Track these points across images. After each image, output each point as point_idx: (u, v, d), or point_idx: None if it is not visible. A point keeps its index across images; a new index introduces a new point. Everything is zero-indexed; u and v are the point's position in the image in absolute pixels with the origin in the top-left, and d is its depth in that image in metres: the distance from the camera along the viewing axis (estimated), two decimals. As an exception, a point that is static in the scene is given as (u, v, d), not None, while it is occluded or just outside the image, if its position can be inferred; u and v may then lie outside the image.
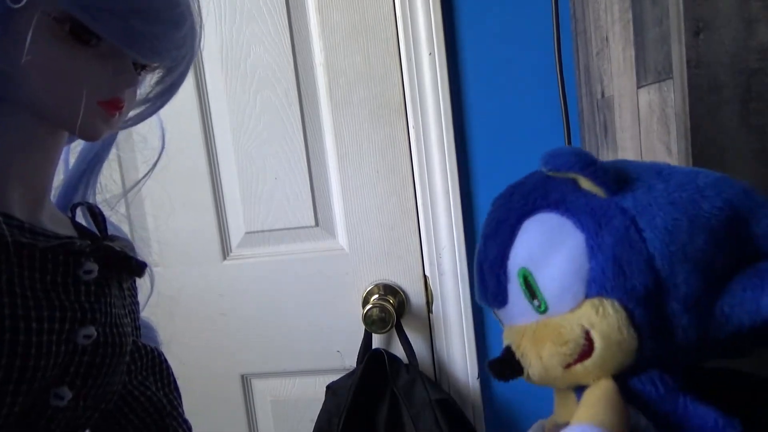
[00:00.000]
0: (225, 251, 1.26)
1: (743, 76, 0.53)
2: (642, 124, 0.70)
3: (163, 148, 0.75)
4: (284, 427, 1.29)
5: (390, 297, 1.17)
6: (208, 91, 1.21)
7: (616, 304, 0.43)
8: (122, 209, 0.72)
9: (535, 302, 0.47)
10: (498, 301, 0.50)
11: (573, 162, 0.47)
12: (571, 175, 0.48)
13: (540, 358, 0.46)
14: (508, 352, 0.49)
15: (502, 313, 0.51)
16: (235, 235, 1.25)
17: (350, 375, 1.15)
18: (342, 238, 1.21)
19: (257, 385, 1.29)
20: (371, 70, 1.14)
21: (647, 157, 0.70)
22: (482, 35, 1.10)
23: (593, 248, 0.44)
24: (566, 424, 0.43)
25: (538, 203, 0.49)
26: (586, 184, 0.47)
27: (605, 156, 0.91)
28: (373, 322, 1.13)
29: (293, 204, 1.21)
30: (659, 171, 0.48)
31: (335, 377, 1.17)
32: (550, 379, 0.48)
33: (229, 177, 1.23)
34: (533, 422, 0.60)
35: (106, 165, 0.69)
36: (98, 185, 0.70)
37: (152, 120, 0.69)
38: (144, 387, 0.66)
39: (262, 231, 1.23)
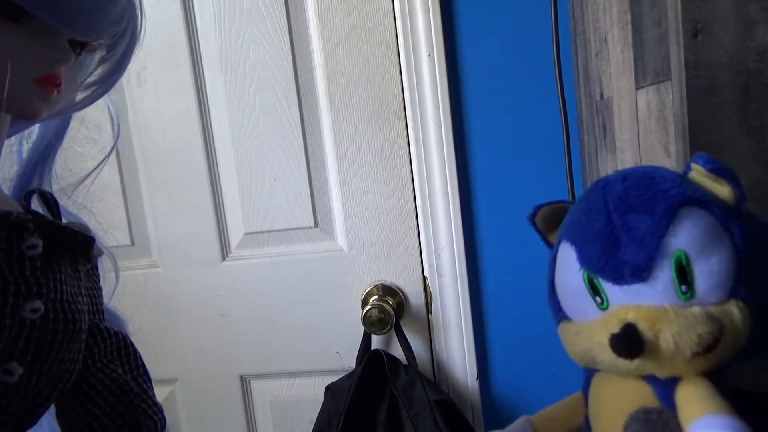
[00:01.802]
0: (224, 252, 1.26)
1: (741, 78, 0.54)
2: (640, 125, 0.70)
3: (118, 135, 0.73)
4: (283, 427, 1.29)
5: (389, 298, 1.17)
6: (208, 91, 1.21)
7: (749, 308, 0.48)
8: (95, 202, 0.71)
9: (683, 287, 0.48)
10: (638, 275, 0.50)
11: (726, 169, 0.49)
12: (721, 179, 0.50)
13: (675, 343, 0.48)
14: (633, 329, 0.49)
15: (628, 290, 0.51)
16: (235, 236, 1.25)
17: (349, 376, 1.15)
18: (341, 239, 1.21)
19: (256, 385, 1.29)
20: (370, 72, 1.14)
21: (646, 159, 0.70)
22: (481, 36, 1.11)
23: (740, 255, 0.48)
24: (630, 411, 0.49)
25: (696, 196, 0.50)
26: (726, 191, 0.50)
27: (603, 157, 0.91)
28: (372, 323, 1.13)
29: (292, 205, 1.21)
30: None
31: (334, 378, 1.17)
32: (665, 365, 0.49)
33: (228, 178, 1.23)
34: (533, 422, 0.61)
35: (64, 155, 0.69)
36: (53, 174, 0.70)
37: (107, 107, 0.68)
38: (109, 369, 0.65)
39: (262, 232, 1.23)
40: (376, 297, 1.18)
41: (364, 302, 1.19)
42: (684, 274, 0.48)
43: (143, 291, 1.28)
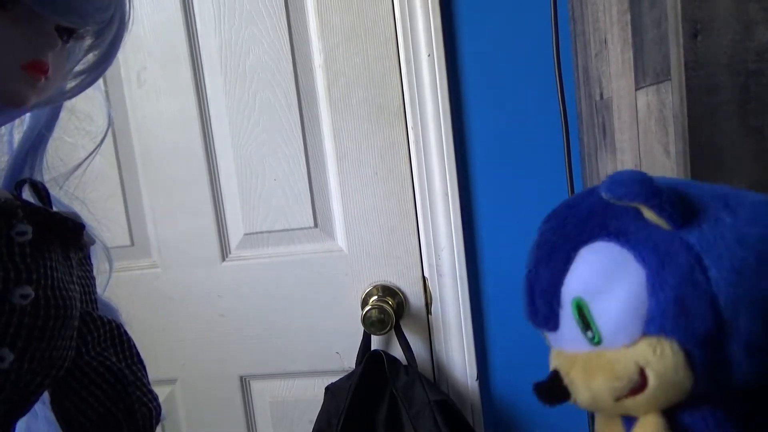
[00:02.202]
0: (224, 252, 1.26)
1: (741, 78, 0.54)
2: (640, 125, 0.70)
3: (109, 126, 0.73)
4: (283, 428, 1.29)
5: (389, 298, 1.17)
6: (207, 92, 1.21)
7: (675, 345, 0.42)
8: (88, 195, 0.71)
9: (589, 333, 0.45)
10: (549, 326, 0.49)
11: (637, 192, 0.44)
12: (635, 204, 0.45)
13: (590, 389, 0.46)
14: (556, 376, 0.48)
15: (552, 337, 0.50)
16: (234, 236, 1.25)
17: (349, 376, 1.15)
18: (341, 240, 1.21)
19: (256, 386, 1.29)
20: (370, 72, 1.14)
21: (645, 159, 0.70)
22: (481, 37, 1.11)
23: (654, 286, 0.42)
24: None
25: (596, 231, 0.46)
26: (649, 214, 0.45)
27: (603, 157, 0.91)
28: (372, 324, 1.13)
29: (292, 205, 1.21)
30: (726, 200, 0.46)
31: (334, 378, 1.17)
32: (598, 408, 0.47)
33: (227, 178, 1.23)
34: (532, 424, 0.60)
35: (55, 145, 0.69)
36: (44, 165, 0.70)
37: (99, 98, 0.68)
38: (103, 357, 0.65)
39: (261, 232, 1.23)
40: (375, 297, 1.18)
41: (364, 303, 1.18)
42: (585, 320, 0.45)
43: (143, 291, 1.28)
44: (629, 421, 0.47)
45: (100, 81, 0.67)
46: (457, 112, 1.13)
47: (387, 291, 1.18)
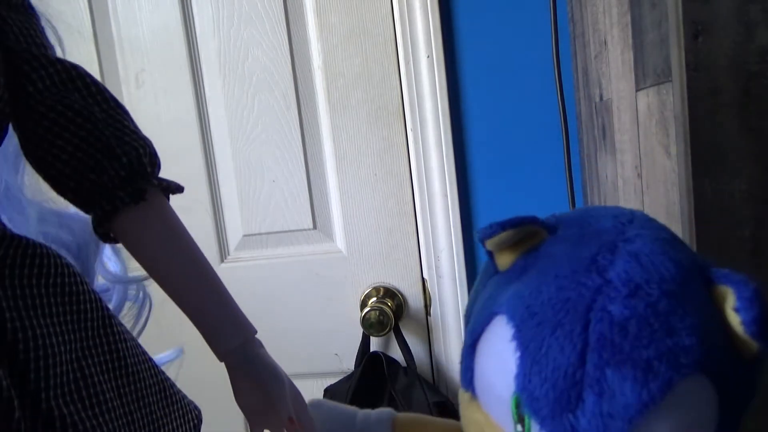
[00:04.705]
0: (222, 254, 1.25)
1: (742, 79, 0.53)
2: (641, 126, 0.70)
3: None
4: (282, 430, 1.28)
5: (388, 300, 1.17)
6: (206, 93, 1.21)
7: None
8: None
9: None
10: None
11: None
12: (747, 341, 0.38)
13: None
14: None
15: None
16: (233, 238, 1.25)
17: (348, 378, 1.14)
18: (340, 241, 1.20)
19: (255, 388, 1.29)
20: (369, 73, 1.14)
21: (646, 160, 0.70)
22: (480, 37, 1.10)
23: None
24: None
25: (707, 364, 0.38)
26: (749, 345, 0.38)
27: (603, 159, 0.91)
28: (371, 325, 1.13)
29: (291, 207, 1.21)
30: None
31: (333, 380, 1.17)
32: None
33: (226, 179, 1.23)
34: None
35: None
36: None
37: None
38: (61, 96, 0.61)
39: (260, 234, 1.23)
40: (375, 299, 1.17)
41: (363, 304, 1.18)
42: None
43: (148, 287, 1.27)
44: None
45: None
46: (456, 113, 1.13)
47: (386, 292, 1.18)
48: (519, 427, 0.40)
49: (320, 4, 1.14)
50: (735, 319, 0.36)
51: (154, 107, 1.22)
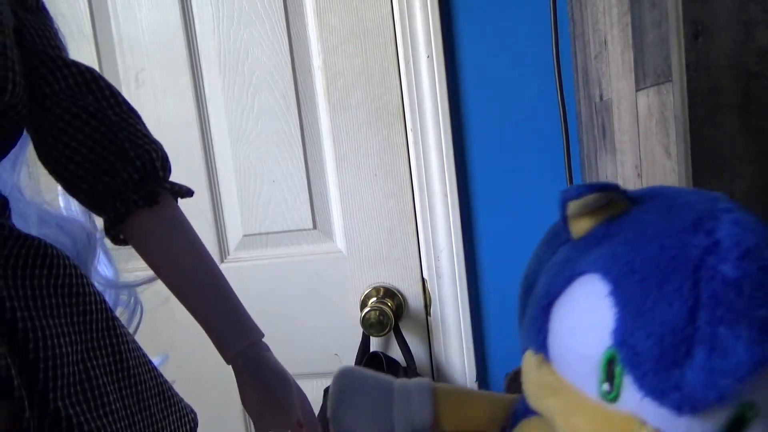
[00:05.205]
0: (222, 254, 1.25)
1: (742, 79, 0.53)
2: (641, 127, 0.70)
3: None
4: (282, 430, 1.28)
5: (388, 300, 1.17)
6: (206, 93, 1.21)
7: None
8: None
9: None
10: (688, 410, 0.36)
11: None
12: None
13: None
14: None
15: (658, 410, 0.38)
16: (233, 238, 1.25)
17: (348, 378, 1.14)
18: (340, 241, 1.20)
19: (255, 388, 1.29)
20: (369, 73, 1.14)
21: (646, 160, 0.70)
22: (480, 38, 1.10)
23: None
24: None
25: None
26: None
27: (603, 159, 0.91)
28: (371, 325, 1.13)
29: (291, 207, 1.21)
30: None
31: (333, 380, 1.17)
32: None
33: (226, 179, 1.23)
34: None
35: None
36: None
37: None
38: (76, 98, 0.61)
39: (260, 234, 1.23)
40: (375, 299, 1.17)
41: (363, 304, 1.18)
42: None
43: (141, 293, 1.27)
44: None
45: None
46: (456, 113, 1.13)
47: (386, 292, 1.18)
48: (606, 386, 0.39)
49: (320, 5, 1.14)
50: None
51: (154, 107, 1.22)
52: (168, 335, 1.28)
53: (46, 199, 0.69)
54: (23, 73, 0.58)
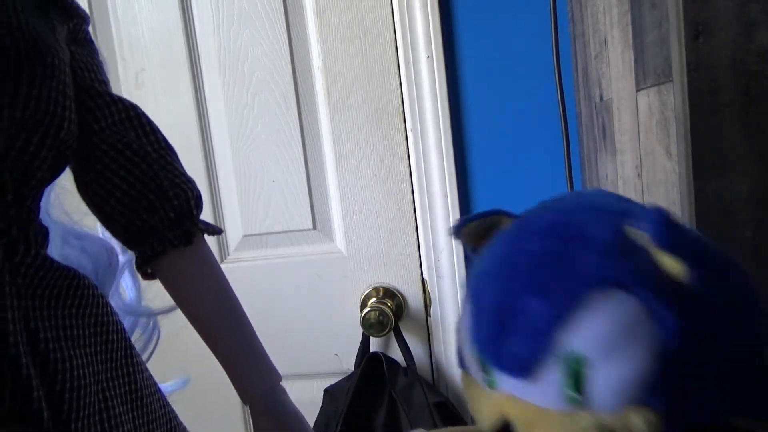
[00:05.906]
0: (222, 254, 1.25)
1: (743, 79, 0.53)
2: (641, 127, 0.70)
3: None
4: (282, 430, 1.28)
5: (388, 300, 1.17)
6: (206, 93, 1.21)
7: (659, 416, 0.38)
8: None
9: (569, 392, 0.39)
10: (520, 372, 0.40)
11: (688, 250, 0.38)
12: (671, 259, 0.37)
13: None
14: (506, 429, 0.42)
15: (514, 382, 0.41)
16: (233, 238, 1.25)
17: (348, 378, 1.14)
18: (340, 241, 1.20)
19: (255, 388, 1.29)
20: (369, 73, 1.14)
21: (646, 160, 0.70)
22: (480, 38, 1.10)
23: (667, 354, 0.37)
24: None
25: (618, 276, 0.38)
26: (669, 263, 0.37)
27: (603, 159, 0.91)
28: (371, 326, 1.13)
29: (291, 207, 1.21)
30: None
31: (333, 381, 1.17)
32: None
33: (226, 180, 1.23)
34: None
35: None
36: None
37: None
38: (120, 135, 0.63)
39: (260, 234, 1.23)
40: (375, 299, 1.17)
41: (363, 304, 1.18)
42: (577, 380, 0.38)
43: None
44: None
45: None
46: (456, 113, 1.13)
47: (386, 293, 1.18)
48: (484, 375, 0.44)
49: (320, 5, 1.14)
50: (645, 238, 0.38)
51: (154, 107, 1.22)
52: (167, 336, 1.28)
53: (72, 219, 0.70)
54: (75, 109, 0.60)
